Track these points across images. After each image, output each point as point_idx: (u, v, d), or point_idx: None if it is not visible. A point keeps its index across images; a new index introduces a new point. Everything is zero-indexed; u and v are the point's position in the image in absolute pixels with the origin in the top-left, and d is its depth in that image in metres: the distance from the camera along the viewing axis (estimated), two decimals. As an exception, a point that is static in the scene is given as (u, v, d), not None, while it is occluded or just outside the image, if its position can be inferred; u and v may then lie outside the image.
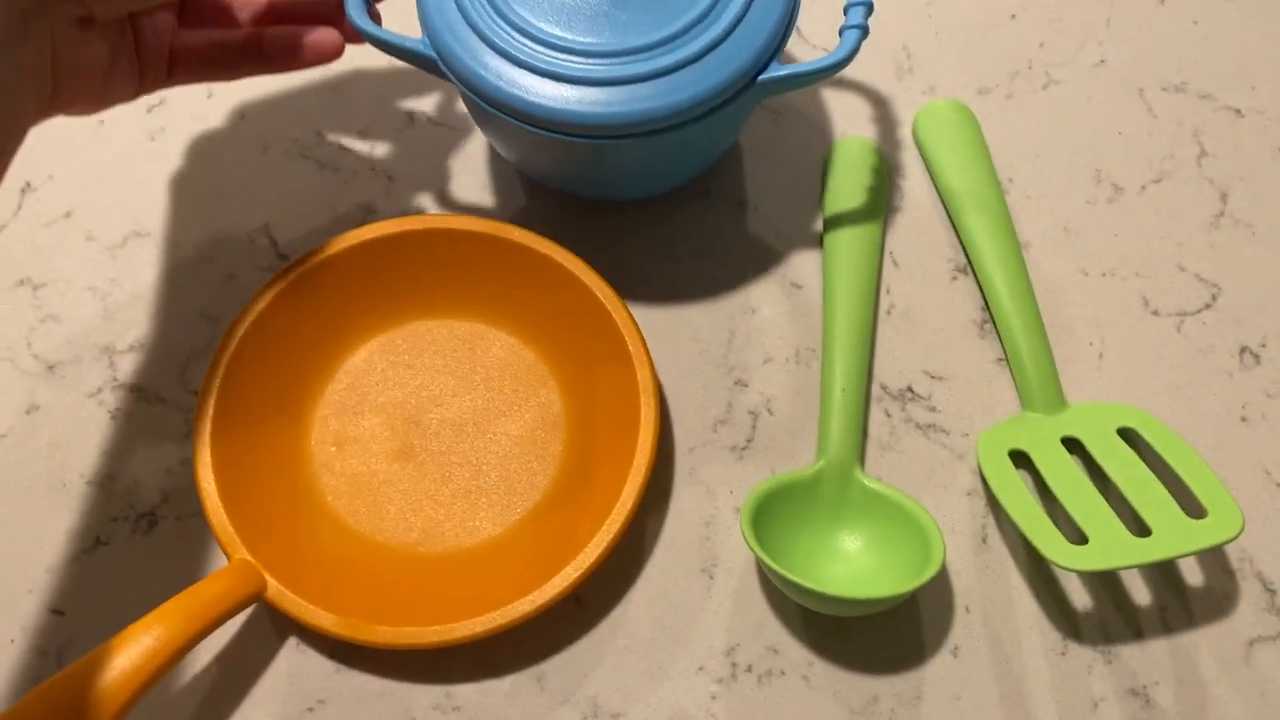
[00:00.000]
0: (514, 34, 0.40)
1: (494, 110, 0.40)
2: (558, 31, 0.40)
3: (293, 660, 0.41)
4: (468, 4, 0.40)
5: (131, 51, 0.39)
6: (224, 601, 0.39)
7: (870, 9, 0.41)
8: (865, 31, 0.41)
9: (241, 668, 0.41)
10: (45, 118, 0.37)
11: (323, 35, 0.42)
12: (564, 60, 0.39)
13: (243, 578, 0.39)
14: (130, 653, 0.37)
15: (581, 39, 0.40)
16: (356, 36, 0.42)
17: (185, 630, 0.37)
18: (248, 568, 0.40)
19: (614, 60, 0.39)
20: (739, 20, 0.40)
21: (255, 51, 0.42)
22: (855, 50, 0.40)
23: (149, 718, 0.40)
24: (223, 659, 0.41)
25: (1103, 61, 0.51)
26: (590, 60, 0.39)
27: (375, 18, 0.42)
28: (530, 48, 0.40)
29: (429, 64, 0.41)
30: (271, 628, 0.42)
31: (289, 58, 0.42)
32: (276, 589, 0.40)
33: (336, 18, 0.43)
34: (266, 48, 0.42)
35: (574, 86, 0.39)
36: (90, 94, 0.38)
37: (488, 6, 0.40)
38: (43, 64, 0.35)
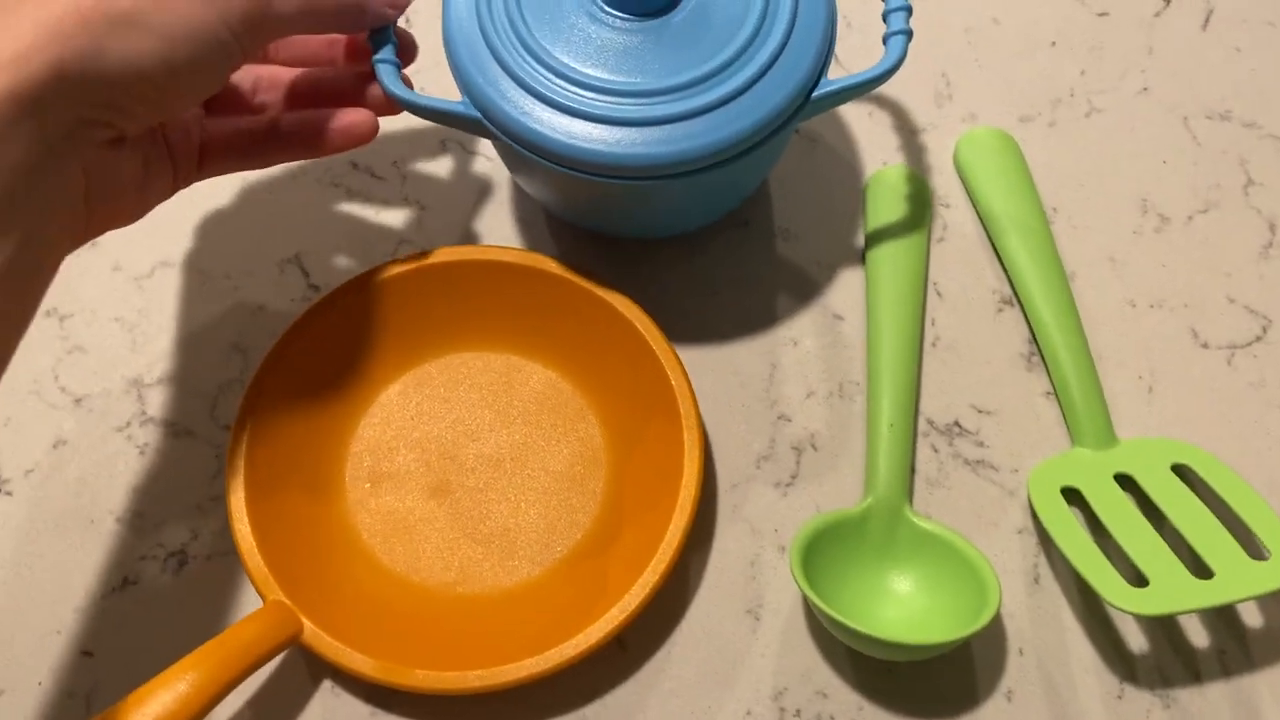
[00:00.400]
0: (562, 82, 0.38)
1: (549, 162, 0.39)
2: (606, 75, 0.39)
3: (328, 704, 0.40)
4: (508, 59, 0.39)
5: (164, 156, 0.37)
6: (259, 645, 0.37)
7: (910, 12, 0.40)
8: (909, 35, 0.40)
9: (275, 712, 0.40)
10: (82, 243, 0.35)
11: (353, 119, 0.40)
12: (617, 103, 0.38)
13: (278, 620, 0.38)
14: (164, 699, 0.35)
15: (631, 79, 0.38)
16: (387, 106, 0.40)
17: (220, 676, 0.36)
18: (283, 610, 0.39)
19: (667, 98, 0.38)
20: (784, 45, 0.39)
21: (283, 138, 0.40)
22: (903, 55, 0.39)
23: (180, 764, 0.39)
24: (256, 703, 0.40)
25: (1145, 89, 0.51)
26: (642, 100, 0.38)
27: (407, 83, 0.41)
28: (580, 94, 0.38)
29: (470, 123, 0.40)
30: (306, 670, 0.41)
31: (316, 144, 0.40)
32: (312, 631, 0.38)
33: (361, 90, 0.41)
34: (291, 136, 0.40)
35: (633, 129, 0.38)
36: (127, 210, 0.36)
37: (529, 57, 0.39)
38: (74, 193, 0.33)
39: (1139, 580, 0.39)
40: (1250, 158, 0.49)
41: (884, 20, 0.40)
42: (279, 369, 0.42)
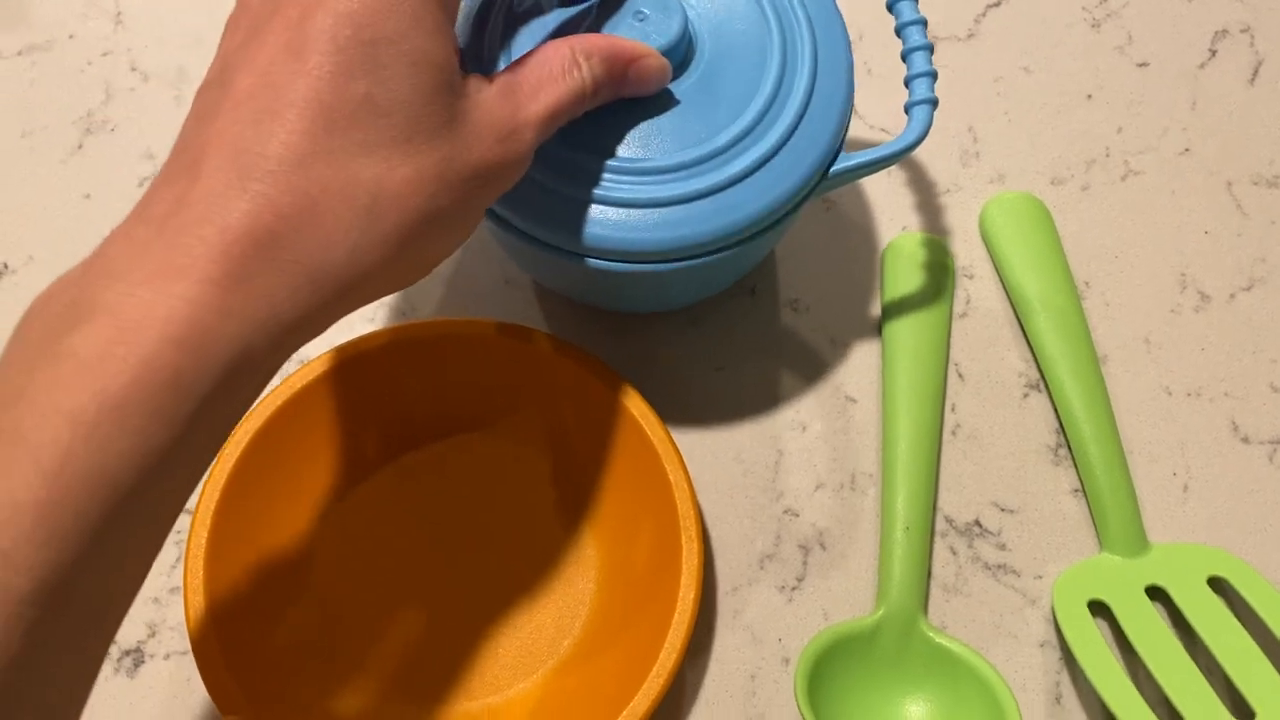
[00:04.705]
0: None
1: (541, 245, 0.35)
2: (620, 151, 0.35)
3: (293, 825, 0.37)
4: None
5: None
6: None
7: (935, 77, 0.36)
8: (935, 103, 0.36)
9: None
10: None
11: None
12: (619, 182, 0.34)
13: (239, 745, 0.35)
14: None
15: (635, 156, 0.35)
16: None
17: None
18: (245, 732, 0.35)
19: (673, 175, 0.34)
20: (801, 117, 0.35)
21: None
22: (928, 126, 0.36)
23: None
24: (215, 823, 0.37)
25: (1187, 150, 0.47)
26: (648, 179, 0.34)
27: None
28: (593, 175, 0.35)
29: None
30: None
31: None
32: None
33: None
34: None
35: (637, 210, 0.34)
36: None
37: None
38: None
39: (1170, 712, 0.36)
40: (1299, 229, 0.45)
41: (906, 86, 0.37)
42: (247, 452, 0.39)
